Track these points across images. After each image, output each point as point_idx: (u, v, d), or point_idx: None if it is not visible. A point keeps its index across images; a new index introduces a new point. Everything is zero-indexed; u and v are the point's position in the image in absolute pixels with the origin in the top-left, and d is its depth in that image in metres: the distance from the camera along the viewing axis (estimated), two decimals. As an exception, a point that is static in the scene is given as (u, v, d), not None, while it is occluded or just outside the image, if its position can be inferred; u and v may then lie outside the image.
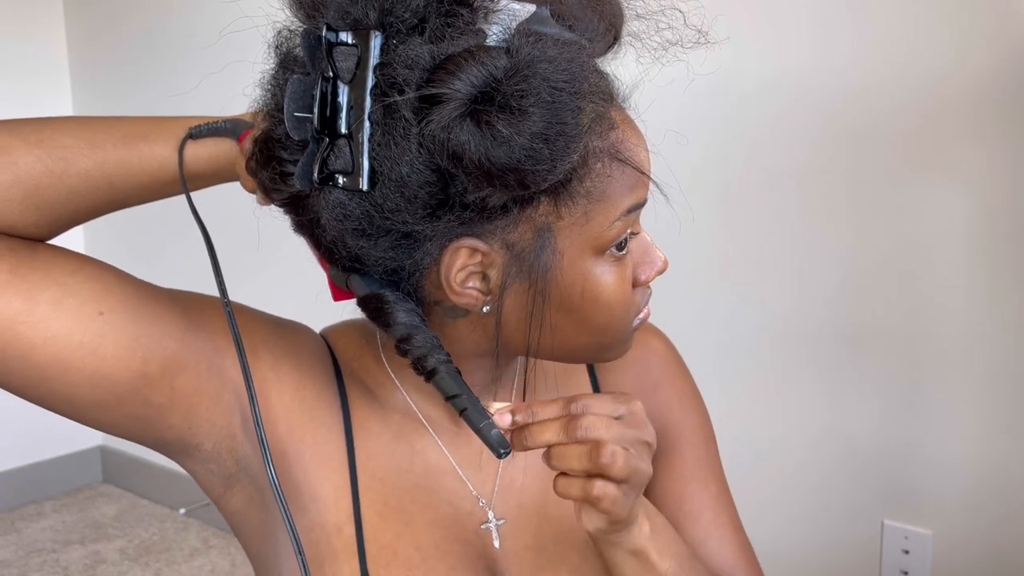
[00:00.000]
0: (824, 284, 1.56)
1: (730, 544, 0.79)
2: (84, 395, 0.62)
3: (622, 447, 0.59)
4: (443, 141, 0.53)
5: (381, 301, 0.62)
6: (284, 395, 0.69)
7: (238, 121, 0.68)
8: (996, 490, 1.44)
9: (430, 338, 0.62)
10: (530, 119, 0.52)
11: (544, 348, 0.65)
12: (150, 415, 0.65)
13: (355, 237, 0.58)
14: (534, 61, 0.52)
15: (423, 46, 0.54)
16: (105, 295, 0.62)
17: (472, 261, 0.60)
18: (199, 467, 0.70)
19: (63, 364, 0.60)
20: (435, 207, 0.57)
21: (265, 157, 0.60)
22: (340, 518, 0.68)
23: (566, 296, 0.62)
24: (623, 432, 0.60)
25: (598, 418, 0.59)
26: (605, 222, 0.60)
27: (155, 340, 0.63)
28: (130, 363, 0.62)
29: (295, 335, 0.73)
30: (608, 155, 0.60)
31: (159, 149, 0.66)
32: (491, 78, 0.52)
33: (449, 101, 0.52)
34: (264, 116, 0.61)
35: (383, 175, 0.55)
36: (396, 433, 0.71)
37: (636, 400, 0.62)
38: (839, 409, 1.57)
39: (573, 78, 0.53)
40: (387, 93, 0.54)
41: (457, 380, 0.61)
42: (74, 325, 0.60)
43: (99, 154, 0.64)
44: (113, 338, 0.61)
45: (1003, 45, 1.34)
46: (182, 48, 2.55)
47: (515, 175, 0.53)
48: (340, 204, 0.57)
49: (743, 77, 1.59)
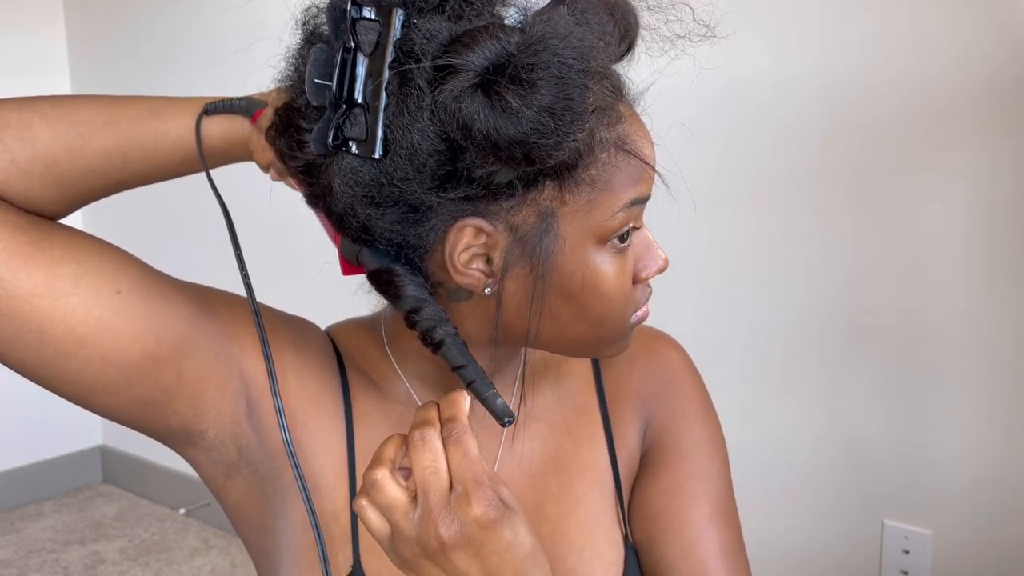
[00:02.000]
0: (825, 284, 1.56)
1: (712, 571, 0.73)
2: (95, 374, 0.63)
3: (412, 489, 0.58)
4: (454, 111, 0.54)
5: (392, 274, 0.63)
6: (288, 383, 0.70)
7: (252, 100, 0.70)
8: (996, 490, 1.44)
9: (438, 311, 0.63)
10: (539, 92, 0.53)
11: (543, 335, 0.65)
12: (157, 399, 0.65)
13: (364, 205, 0.60)
14: (546, 36, 0.54)
15: (443, 23, 0.56)
16: (122, 275, 0.63)
17: (476, 241, 0.61)
18: (201, 455, 0.70)
19: (79, 340, 0.61)
20: (443, 178, 0.58)
21: (285, 125, 0.62)
22: (337, 506, 0.69)
23: (566, 283, 0.62)
24: (425, 488, 0.57)
25: (425, 448, 0.57)
26: (608, 212, 0.61)
27: (167, 322, 0.64)
28: (144, 343, 0.63)
29: (300, 328, 0.74)
30: (614, 146, 0.61)
31: (173, 127, 0.68)
32: (504, 52, 0.54)
33: (462, 72, 0.54)
34: (287, 89, 0.63)
35: (395, 143, 0.57)
36: (397, 423, 0.72)
37: (483, 506, 0.56)
38: (840, 409, 1.58)
39: (582, 55, 0.54)
40: (404, 63, 0.56)
41: (464, 351, 0.62)
42: (92, 302, 0.61)
43: (115, 132, 0.66)
44: (128, 316, 0.63)
45: (1005, 46, 1.34)
46: (182, 46, 2.55)
47: (521, 147, 0.54)
48: (352, 170, 0.58)
49: (748, 75, 1.59)
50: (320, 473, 0.70)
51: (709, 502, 0.76)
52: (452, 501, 0.56)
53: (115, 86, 2.78)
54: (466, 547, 0.56)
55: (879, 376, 1.52)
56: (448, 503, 0.56)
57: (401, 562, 0.59)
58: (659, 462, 0.78)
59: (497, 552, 0.57)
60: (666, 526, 0.75)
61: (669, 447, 0.78)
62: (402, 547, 0.58)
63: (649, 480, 0.77)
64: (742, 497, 0.83)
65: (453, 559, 0.57)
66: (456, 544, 0.56)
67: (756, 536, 0.83)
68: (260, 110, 0.68)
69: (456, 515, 0.56)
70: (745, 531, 0.80)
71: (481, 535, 0.56)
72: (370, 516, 0.58)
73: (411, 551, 0.57)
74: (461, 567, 0.57)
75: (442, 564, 0.57)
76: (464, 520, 0.56)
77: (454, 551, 0.56)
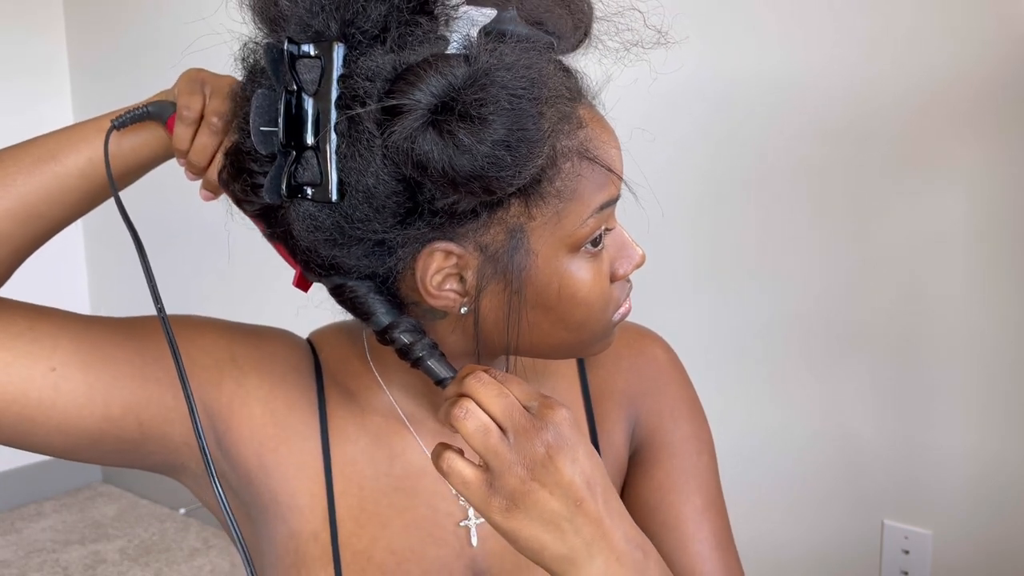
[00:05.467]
0: (823, 284, 1.56)
1: (709, 562, 0.75)
2: (60, 442, 0.65)
3: (496, 422, 0.56)
4: (407, 151, 0.53)
5: (355, 293, 0.62)
6: (254, 409, 0.69)
7: (162, 103, 0.67)
8: (996, 490, 1.43)
9: (411, 324, 0.62)
10: (491, 127, 0.52)
11: (524, 346, 0.65)
12: (127, 448, 0.67)
13: (328, 247, 0.58)
14: (492, 69, 0.52)
15: (385, 56, 0.54)
16: (54, 351, 0.64)
17: (447, 264, 0.60)
18: (190, 482, 0.72)
19: (29, 420, 0.63)
20: (404, 215, 0.57)
21: (236, 169, 0.60)
22: (316, 526, 0.68)
23: (542, 294, 0.62)
24: (508, 412, 0.56)
25: (485, 384, 0.57)
26: (578, 220, 0.60)
27: (112, 385, 0.65)
28: (93, 409, 0.65)
29: (269, 344, 0.73)
30: (577, 154, 0.60)
31: (72, 163, 0.66)
32: (450, 87, 0.52)
33: (410, 112, 0.52)
34: (233, 129, 0.61)
35: (350, 186, 0.56)
36: (375, 437, 0.71)
37: (563, 408, 0.58)
38: (839, 409, 1.57)
39: (532, 84, 0.53)
40: (350, 105, 0.55)
41: (444, 363, 0.62)
42: (28, 385, 0.63)
43: (14, 190, 0.65)
44: (69, 390, 0.64)
45: (1002, 44, 1.34)
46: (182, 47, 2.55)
47: (480, 182, 0.53)
48: (310, 215, 0.57)
49: (745, 75, 1.59)
50: (294, 494, 0.69)
51: (701, 496, 0.77)
52: (535, 413, 0.57)
53: (115, 87, 2.78)
54: (566, 450, 0.56)
55: (880, 376, 1.52)
56: (532, 416, 0.57)
57: (508, 503, 0.56)
58: (650, 459, 0.78)
59: (587, 453, 0.58)
60: (661, 521, 0.76)
61: (659, 444, 0.79)
62: (507, 478, 0.56)
63: (641, 477, 0.78)
64: (742, 498, 0.84)
65: (559, 466, 0.56)
66: (558, 446, 0.56)
67: (756, 536, 0.84)
68: (173, 114, 0.66)
69: (545, 422, 0.56)
70: (745, 531, 0.80)
71: (573, 434, 0.57)
72: (458, 467, 0.57)
73: (517, 477, 0.56)
74: (566, 475, 0.56)
75: (550, 479, 0.56)
76: (555, 421, 0.56)
77: (558, 455, 0.56)
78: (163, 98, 0.69)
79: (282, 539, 0.68)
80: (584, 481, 0.57)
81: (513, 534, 0.57)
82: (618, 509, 0.59)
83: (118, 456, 0.68)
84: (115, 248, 2.87)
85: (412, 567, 0.69)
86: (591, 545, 0.57)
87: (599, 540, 0.57)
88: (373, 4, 0.54)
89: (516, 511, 0.56)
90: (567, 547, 0.57)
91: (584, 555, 0.57)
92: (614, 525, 0.58)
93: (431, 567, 0.69)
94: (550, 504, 0.56)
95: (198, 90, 0.66)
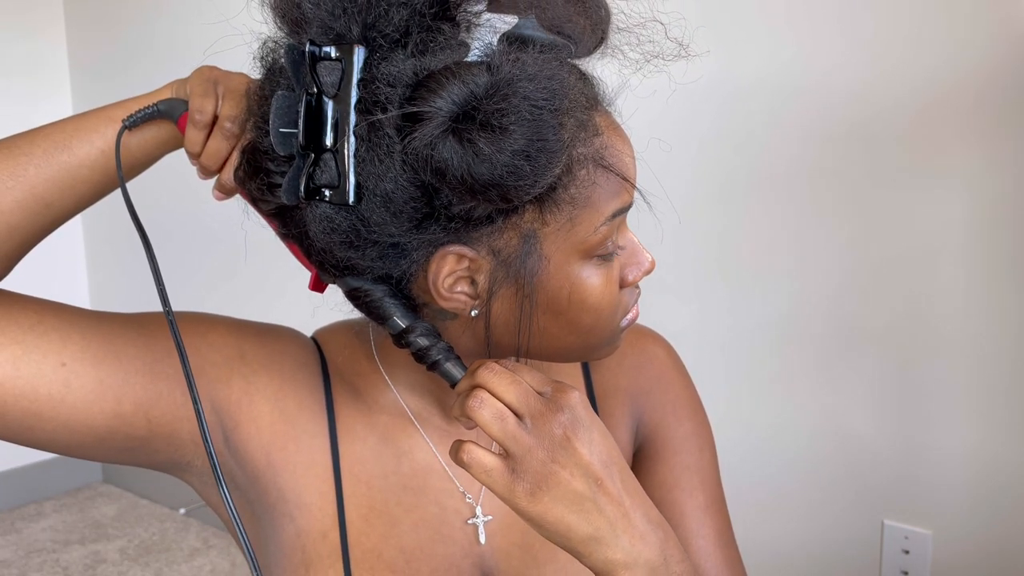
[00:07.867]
0: (823, 284, 1.56)
1: (712, 558, 0.76)
2: (65, 439, 0.65)
3: (511, 409, 0.57)
4: (426, 158, 0.53)
5: (371, 296, 0.62)
6: (262, 408, 0.70)
7: (173, 101, 0.67)
8: (996, 490, 1.44)
9: (426, 328, 0.62)
10: (511, 137, 0.52)
11: (533, 350, 0.65)
12: (134, 446, 0.67)
13: (343, 249, 0.59)
14: (514, 80, 0.52)
15: (406, 61, 0.54)
16: (64, 345, 0.64)
17: (459, 267, 0.60)
18: (195, 480, 0.72)
19: (36, 415, 0.63)
20: (421, 219, 0.57)
21: (253, 168, 0.60)
22: (325, 524, 0.69)
23: (553, 300, 0.62)
24: (523, 398, 0.57)
25: (497, 374, 0.58)
26: (591, 227, 0.61)
27: (122, 381, 0.65)
28: (103, 406, 0.64)
29: (278, 342, 0.73)
30: (592, 162, 0.60)
31: (84, 155, 0.66)
32: (472, 96, 0.53)
33: (431, 119, 0.53)
34: (251, 127, 0.61)
35: (368, 189, 0.56)
36: (383, 435, 0.72)
37: (576, 391, 0.59)
38: (839, 409, 1.58)
39: (553, 95, 0.53)
40: (370, 110, 0.55)
41: (460, 366, 0.62)
42: (38, 380, 0.62)
43: (24, 181, 0.65)
44: (79, 386, 0.63)
45: (1002, 45, 1.34)
46: (182, 47, 2.55)
47: (498, 190, 0.54)
48: (327, 217, 0.57)
49: (744, 77, 1.59)
50: (303, 492, 0.69)
51: (703, 492, 0.78)
52: (550, 397, 0.58)
53: (115, 86, 2.78)
54: (582, 432, 0.58)
55: (880, 376, 1.52)
56: (547, 400, 0.58)
57: (532, 487, 0.57)
58: (654, 457, 0.79)
59: (602, 434, 0.59)
60: (665, 518, 0.76)
61: (662, 442, 0.80)
62: (528, 461, 0.57)
63: (645, 475, 0.79)
64: (743, 497, 0.84)
65: (577, 447, 0.57)
66: (575, 428, 0.57)
67: (756, 536, 0.84)
68: (185, 112, 0.66)
69: (560, 405, 0.58)
70: (746, 531, 0.81)
71: (588, 416, 0.58)
72: (479, 456, 0.57)
73: (538, 460, 0.57)
74: (584, 456, 0.57)
75: (569, 461, 0.57)
76: (570, 404, 0.58)
77: (576, 436, 0.57)
78: (177, 87, 0.69)
79: (289, 537, 0.68)
80: (601, 461, 0.58)
81: (540, 518, 0.57)
82: (636, 488, 0.61)
83: (122, 453, 0.68)
84: (115, 243, 2.87)
85: (421, 565, 0.69)
86: (615, 524, 0.58)
87: (621, 519, 0.58)
88: (395, 8, 0.54)
89: (541, 494, 0.57)
90: (592, 527, 0.58)
91: (609, 534, 0.58)
92: (634, 504, 0.59)
93: (439, 565, 0.70)
94: (572, 484, 0.57)
95: (211, 91, 0.66)
